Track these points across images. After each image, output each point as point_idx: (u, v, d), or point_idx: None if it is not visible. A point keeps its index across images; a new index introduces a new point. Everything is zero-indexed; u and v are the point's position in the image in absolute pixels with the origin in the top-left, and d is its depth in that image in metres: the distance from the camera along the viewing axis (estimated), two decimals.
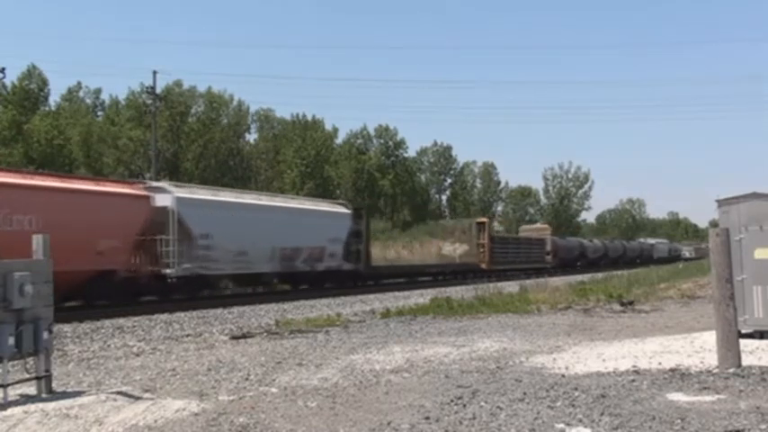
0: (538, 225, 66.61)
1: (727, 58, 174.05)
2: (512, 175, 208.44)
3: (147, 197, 20.99)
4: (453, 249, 44.15)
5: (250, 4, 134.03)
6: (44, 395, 6.89)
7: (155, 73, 42.68)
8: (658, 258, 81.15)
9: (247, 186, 58.46)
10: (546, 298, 19.50)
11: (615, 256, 70.45)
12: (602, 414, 5.77)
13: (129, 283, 20.25)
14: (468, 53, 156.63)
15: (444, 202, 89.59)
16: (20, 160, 41.50)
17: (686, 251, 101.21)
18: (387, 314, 16.59)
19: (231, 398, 6.89)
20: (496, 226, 70.26)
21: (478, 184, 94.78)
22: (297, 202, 30.71)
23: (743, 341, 8.19)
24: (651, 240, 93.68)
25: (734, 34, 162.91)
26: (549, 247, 51.49)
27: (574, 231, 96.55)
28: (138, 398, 6.81)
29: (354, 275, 29.92)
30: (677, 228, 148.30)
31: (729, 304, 7.71)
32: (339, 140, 71.07)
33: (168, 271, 20.93)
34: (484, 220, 45.77)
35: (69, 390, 7.34)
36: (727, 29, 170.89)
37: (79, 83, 60.06)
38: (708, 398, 6.34)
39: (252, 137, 63.73)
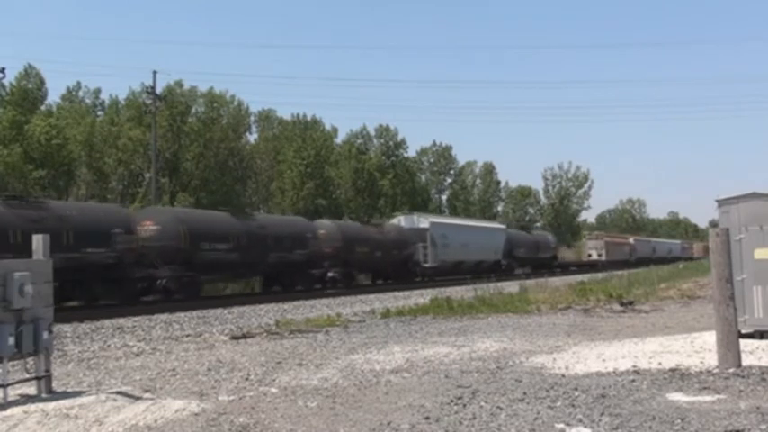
0: None
1: (728, 59, 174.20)
2: (512, 175, 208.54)
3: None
4: None
5: (250, 5, 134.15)
6: (44, 395, 6.88)
7: (155, 73, 42.54)
8: (479, 264, 41.21)
9: (247, 186, 58.29)
10: (546, 298, 19.50)
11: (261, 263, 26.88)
12: (602, 414, 5.77)
13: None
14: (469, 53, 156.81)
15: (444, 202, 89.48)
16: (19, 160, 41.38)
17: (591, 250, 64.63)
18: (387, 314, 16.60)
19: (231, 398, 6.89)
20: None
21: (478, 184, 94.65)
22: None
23: (743, 341, 8.19)
24: (460, 220, 47.56)
25: (734, 34, 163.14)
26: None
27: (575, 231, 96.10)
28: (138, 398, 6.80)
29: None
30: (677, 228, 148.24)
31: (729, 304, 7.70)
32: (339, 140, 71.08)
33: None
34: None
35: (69, 390, 7.33)
36: (727, 29, 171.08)
37: (78, 83, 59.85)
38: (708, 398, 6.34)
39: (252, 137, 63.64)
